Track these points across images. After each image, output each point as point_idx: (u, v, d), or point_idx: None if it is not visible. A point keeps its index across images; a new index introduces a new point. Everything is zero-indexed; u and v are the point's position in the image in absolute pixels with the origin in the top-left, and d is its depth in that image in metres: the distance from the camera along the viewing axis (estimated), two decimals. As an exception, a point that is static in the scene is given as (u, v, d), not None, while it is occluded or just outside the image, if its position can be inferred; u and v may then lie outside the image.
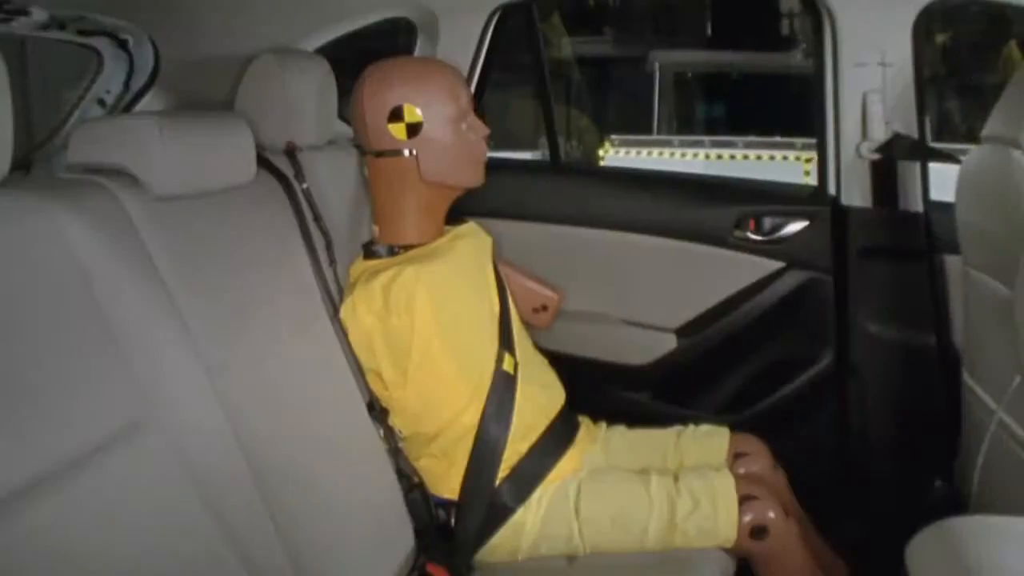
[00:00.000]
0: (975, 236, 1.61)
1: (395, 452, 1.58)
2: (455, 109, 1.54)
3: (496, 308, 1.66)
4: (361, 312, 1.50)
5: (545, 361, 1.75)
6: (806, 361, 2.05)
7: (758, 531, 1.48)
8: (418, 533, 1.54)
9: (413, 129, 1.53)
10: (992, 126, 1.52)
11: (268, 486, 1.23)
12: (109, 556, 1.00)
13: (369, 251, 1.60)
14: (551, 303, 1.91)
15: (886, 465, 1.94)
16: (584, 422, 1.74)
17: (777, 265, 2.04)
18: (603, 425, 1.78)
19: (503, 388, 1.57)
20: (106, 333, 1.08)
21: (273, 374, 1.34)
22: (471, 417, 1.55)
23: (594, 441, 1.72)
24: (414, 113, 1.52)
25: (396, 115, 1.52)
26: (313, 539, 1.30)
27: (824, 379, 2.03)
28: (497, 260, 1.76)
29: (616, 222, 2.10)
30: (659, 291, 2.12)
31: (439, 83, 1.55)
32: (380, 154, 1.56)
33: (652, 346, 2.12)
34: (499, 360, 1.59)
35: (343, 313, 1.52)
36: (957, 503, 1.66)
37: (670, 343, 2.11)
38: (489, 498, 1.54)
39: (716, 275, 2.08)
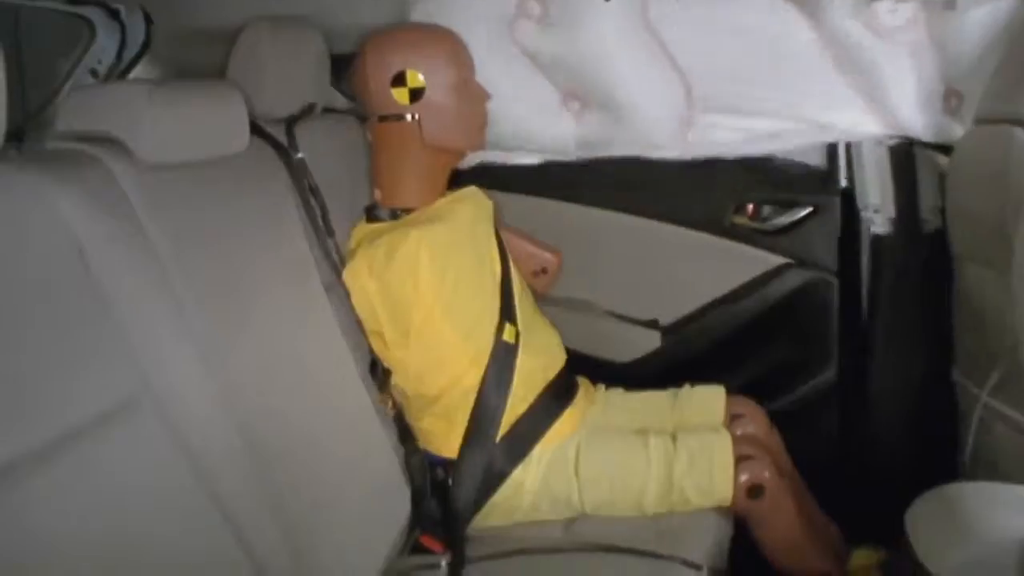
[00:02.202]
0: (967, 224, 1.55)
1: (396, 419, 1.60)
2: (457, 74, 1.59)
3: (498, 271, 1.67)
4: (363, 275, 1.52)
5: (546, 322, 1.77)
6: (804, 370, 1.92)
7: (754, 490, 1.51)
8: (415, 503, 1.56)
9: (416, 94, 1.57)
10: (986, 105, 1.47)
11: (263, 461, 1.23)
12: (103, 533, 1.00)
13: (371, 214, 1.63)
14: (550, 266, 1.92)
15: (888, 467, 1.84)
16: (583, 383, 1.76)
17: (777, 261, 1.91)
18: (601, 387, 1.81)
19: (503, 357, 1.59)
20: (100, 307, 1.08)
21: (269, 346, 1.34)
22: (471, 380, 1.57)
23: (593, 402, 1.74)
24: (416, 78, 1.56)
25: (399, 80, 1.56)
26: (309, 514, 1.30)
27: (824, 390, 1.91)
28: (498, 225, 1.77)
29: (605, 199, 1.98)
30: (646, 281, 1.99)
31: (441, 49, 1.59)
32: (383, 119, 1.60)
33: (635, 343, 2.01)
34: (499, 329, 1.60)
35: (345, 276, 1.54)
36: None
37: (654, 341, 2.00)
38: (487, 458, 1.55)
39: (708, 268, 1.94)
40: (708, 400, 1.72)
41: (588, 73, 1.74)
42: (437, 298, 1.52)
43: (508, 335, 1.61)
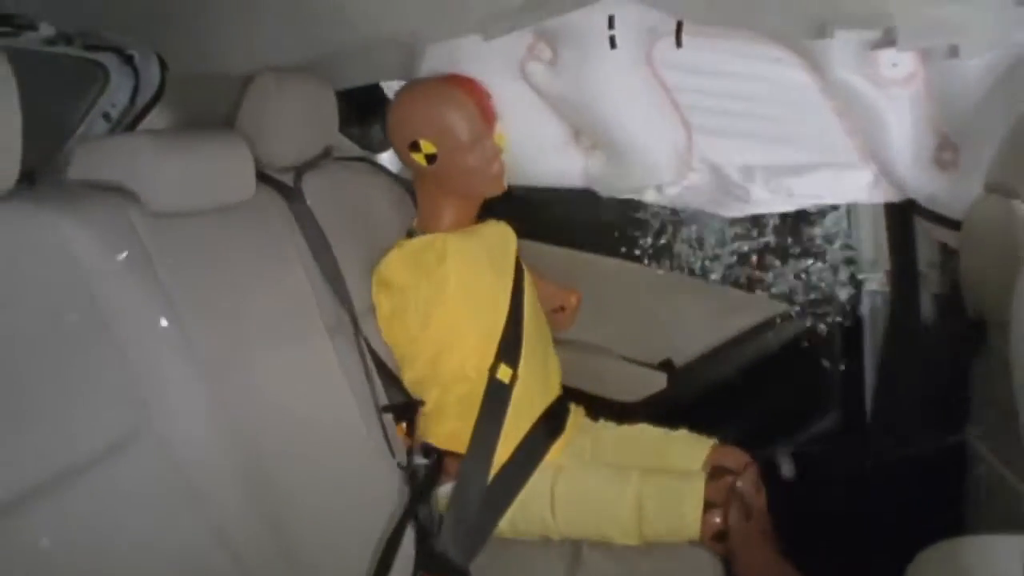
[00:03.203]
0: (980, 289, 1.55)
1: (408, 473, 1.62)
2: (467, 135, 1.69)
3: (506, 306, 1.75)
4: (395, 266, 1.68)
5: (549, 355, 1.84)
6: (804, 417, 1.96)
7: (720, 535, 1.57)
8: (419, 542, 1.55)
9: (430, 158, 1.68)
10: (994, 173, 1.47)
11: (265, 499, 1.23)
12: (105, 560, 1.00)
13: (409, 233, 1.79)
14: (568, 304, 1.97)
15: (889, 521, 1.80)
16: (575, 413, 1.84)
17: (780, 309, 1.96)
18: (600, 421, 1.87)
19: (496, 398, 1.68)
20: (108, 343, 1.09)
21: (271, 389, 1.35)
22: (476, 366, 1.67)
23: (584, 432, 1.82)
24: (429, 146, 1.67)
25: (415, 147, 1.68)
26: (309, 546, 1.30)
27: (824, 439, 1.94)
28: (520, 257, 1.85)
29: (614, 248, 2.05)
30: (654, 326, 2.05)
31: (450, 113, 1.68)
32: (413, 169, 1.76)
33: (641, 384, 2.06)
34: (493, 369, 1.69)
35: (381, 267, 1.69)
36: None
37: (660, 383, 2.04)
38: (475, 511, 1.61)
39: (714, 314, 2.00)
40: (695, 445, 1.76)
41: (593, 114, 1.78)
42: (457, 292, 1.66)
43: (502, 374, 1.69)
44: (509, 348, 1.72)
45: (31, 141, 1.05)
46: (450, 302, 1.66)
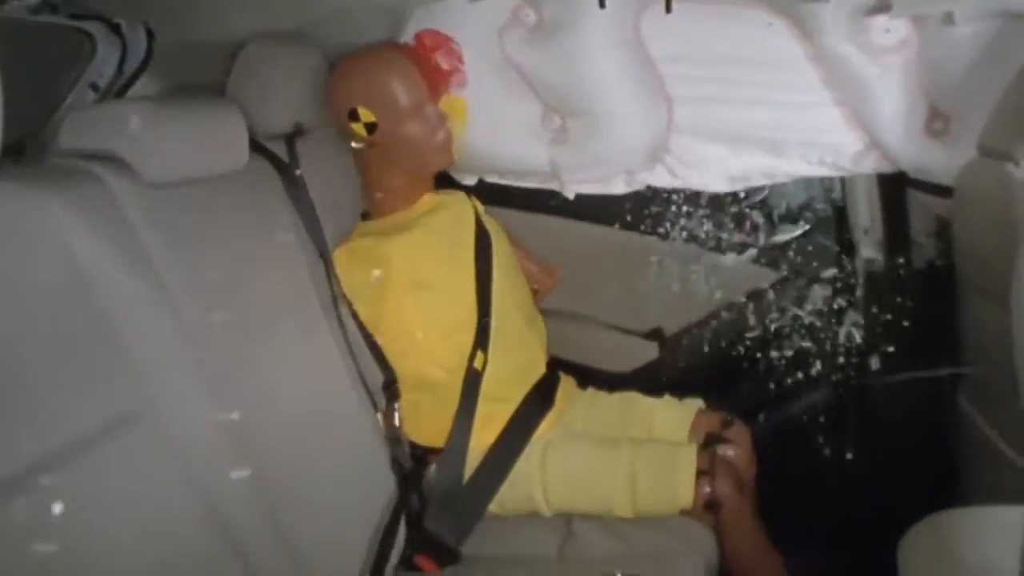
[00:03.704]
0: (974, 259, 1.53)
1: (394, 440, 1.62)
2: (408, 102, 1.62)
3: (473, 287, 1.71)
4: (342, 261, 1.63)
5: (530, 326, 1.80)
6: (798, 386, 1.93)
7: (712, 505, 1.57)
8: (410, 524, 1.57)
9: (370, 127, 1.62)
10: (988, 135, 1.45)
11: (261, 476, 1.24)
12: (104, 542, 1.01)
13: (364, 215, 1.76)
14: (542, 287, 1.95)
15: (883, 493, 1.78)
16: (565, 384, 1.82)
17: (774, 276, 1.94)
18: (590, 390, 1.87)
19: (472, 383, 1.65)
20: (99, 322, 1.09)
21: (265, 361, 1.35)
22: (445, 365, 1.65)
23: (574, 403, 1.81)
24: (368, 114, 1.60)
25: (353, 115, 1.61)
26: (304, 527, 1.31)
27: (818, 408, 1.91)
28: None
29: (604, 216, 2.02)
30: (645, 295, 2.03)
31: (389, 80, 1.61)
32: (353, 145, 1.67)
33: (633, 354, 2.05)
34: (472, 357, 1.66)
35: (335, 258, 1.63)
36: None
37: (652, 352, 2.04)
38: (463, 495, 1.62)
39: (706, 282, 1.98)
40: (683, 412, 1.76)
41: (573, 82, 1.73)
42: (403, 299, 1.61)
43: (478, 362, 1.66)
44: (481, 333, 1.69)
45: (18, 112, 1.04)
46: (394, 314, 1.63)
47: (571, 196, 1.88)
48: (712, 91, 1.71)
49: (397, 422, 1.64)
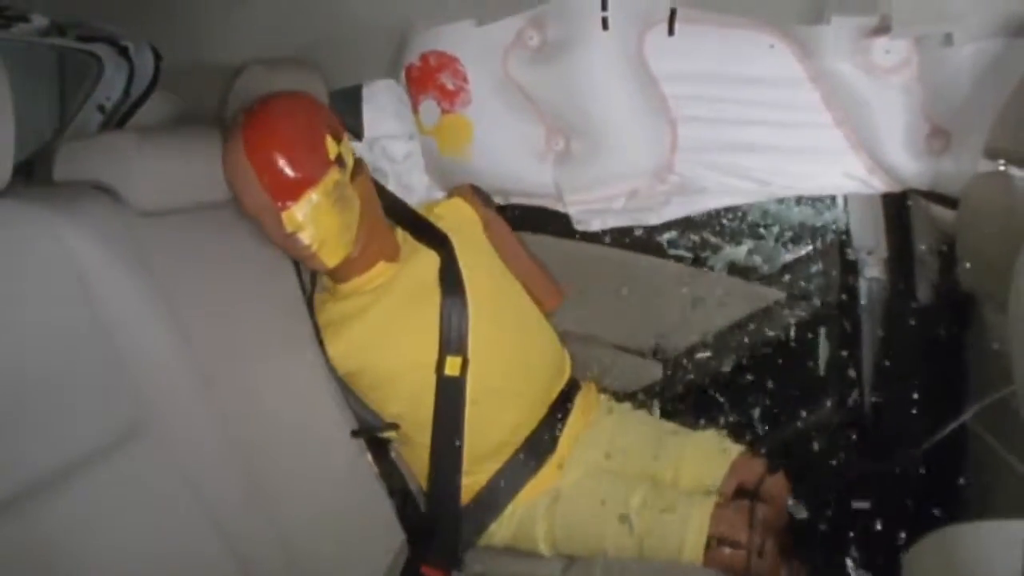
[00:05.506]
0: (979, 266, 1.52)
1: (389, 465, 1.61)
2: (250, 204, 1.41)
3: (437, 306, 1.61)
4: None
5: (525, 373, 1.70)
6: (801, 405, 1.91)
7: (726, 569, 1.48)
8: (410, 535, 1.57)
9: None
10: (995, 138, 1.46)
11: (261, 493, 1.24)
12: (105, 558, 1.01)
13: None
14: (541, 309, 1.90)
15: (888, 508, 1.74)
16: (586, 392, 1.79)
17: (777, 296, 1.93)
18: (625, 404, 1.83)
19: (450, 393, 1.58)
20: (103, 340, 1.09)
21: (261, 385, 1.37)
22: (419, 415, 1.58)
23: (603, 416, 1.76)
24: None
25: None
26: (306, 541, 1.31)
27: (821, 427, 1.89)
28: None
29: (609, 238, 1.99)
30: (648, 315, 2.00)
31: (231, 178, 1.40)
32: None
33: (637, 374, 2.01)
34: (440, 366, 1.58)
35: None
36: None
37: (655, 373, 2.01)
38: (457, 516, 1.58)
39: (708, 302, 1.94)
40: (717, 455, 1.67)
41: (576, 102, 1.74)
42: (364, 363, 1.56)
43: (451, 368, 1.57)
44: (450, 342, 1.59)
45: (26, 135, 1.05)
46: (350, 378, 1.58)
47: (575, 215, 1.88)
48: (714, 111, 1.72)
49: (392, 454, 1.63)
